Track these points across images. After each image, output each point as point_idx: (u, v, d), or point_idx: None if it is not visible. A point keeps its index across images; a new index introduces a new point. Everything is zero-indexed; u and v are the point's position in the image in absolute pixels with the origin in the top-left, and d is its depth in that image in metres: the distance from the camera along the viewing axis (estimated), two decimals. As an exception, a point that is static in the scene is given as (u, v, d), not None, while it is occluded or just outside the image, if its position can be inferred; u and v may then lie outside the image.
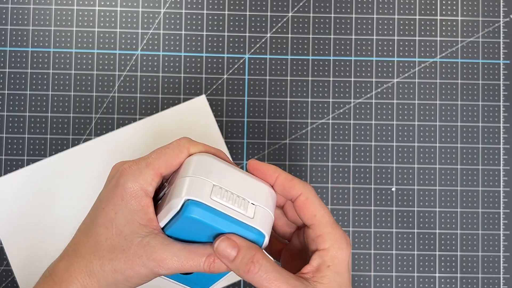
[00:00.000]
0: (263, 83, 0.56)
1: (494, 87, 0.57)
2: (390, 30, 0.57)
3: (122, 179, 0.31)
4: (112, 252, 0.31)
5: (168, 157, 0.32)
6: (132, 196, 0.31)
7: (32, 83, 0.55)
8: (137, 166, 0.32)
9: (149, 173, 0.31)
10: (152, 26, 0.56)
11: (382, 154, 0.56)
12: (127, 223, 0.31)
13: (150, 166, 0.31)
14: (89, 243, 0.32)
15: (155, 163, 0.31)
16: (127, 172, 0.31)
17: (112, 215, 0.31)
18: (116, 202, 0.31)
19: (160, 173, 0.32)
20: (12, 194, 0.53)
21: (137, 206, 0.31)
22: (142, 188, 0.31)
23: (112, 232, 0.31)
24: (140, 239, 0.31)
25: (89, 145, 0.54)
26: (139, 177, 0.31)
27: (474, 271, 0.55)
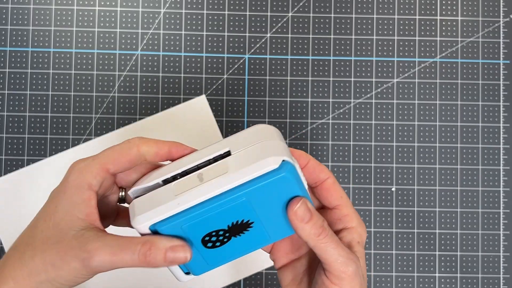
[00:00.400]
0: (263, 83, 0.56)
1: (494, 87, 0.57)
2: (390, 30, 0.57)
3: (68, 173, 0.31)
4: (45, 243, 0.30)
5: (116, 153, 0.31)
6: (75, 188, 0.30)
7: (32, 83, 0.55)
8: (84, 161, 0.31)
9: (95, 166, 0.31)
10: (152, 26, 0.56)
11: (382, 154, 0.56)
12: (65, 216, 0.30)
13: (96, 160, 0.31)
14: (25, 235, 0.31)
15: (102, 158, 0.31)
16: (74, 166, 0.31)
17: (52, 208, 0.31)
18: (59, 196, 0.31)
19: (106, 168, 0.31)
20: (12, 194, 0.53)
21: (78, 199, 0.30)
22: (85, 181, 0.30)
23: (49, 224, 0.30)
24: (75, 232, 0.30)
25: (89, 145, 0.54)
26: (84, 170, 0.31)
27: (474, 271, 0.55)
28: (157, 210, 0.29)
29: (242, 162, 0.29)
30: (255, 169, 0.29)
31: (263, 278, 0.54)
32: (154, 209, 0.29)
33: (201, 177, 0.30)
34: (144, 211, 0.30)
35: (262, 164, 0.29)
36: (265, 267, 0.54)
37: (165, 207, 0.29)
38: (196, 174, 0.30)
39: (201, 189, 0.29)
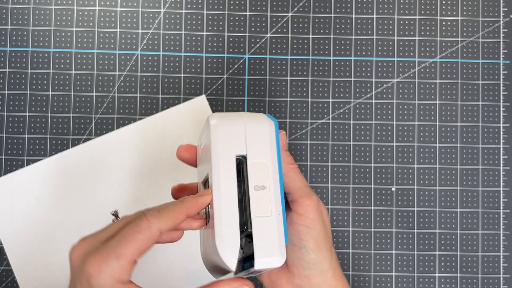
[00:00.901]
0: (263, 83, 0.56)
1: (494, 87, 0.57)
2: (390, 30, 0.57)
3: (93, 278, 0.29)
4: None
5: (140, 244, 0.30)
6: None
7: (32, 83, 0.55)
8: (107, 263, 0.29)
9: (123, 264, 0.29)
10: (152, 26, 0.56)
11: (382, 154, 0.56)
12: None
13: (122, 258, 0.29)
14: None
15: (127, 254, 0.29)
16: (98, 269, 0.29)
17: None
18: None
19: (133, 261, 0.30)
20: (12, 194, 0.53)
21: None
22: (118, 281, 0.29)
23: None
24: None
25: (89, 145, 0.54)
26: (113, 271, 0.29)
27: (474, 271, 0.55)
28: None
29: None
30: None
31: (263, 278, 0.54)
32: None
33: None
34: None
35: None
36: (265, 267, 0.54)
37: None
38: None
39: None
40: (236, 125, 0.34)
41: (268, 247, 0.32)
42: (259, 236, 0.32)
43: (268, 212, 0.33)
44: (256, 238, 0.32)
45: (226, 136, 0.33)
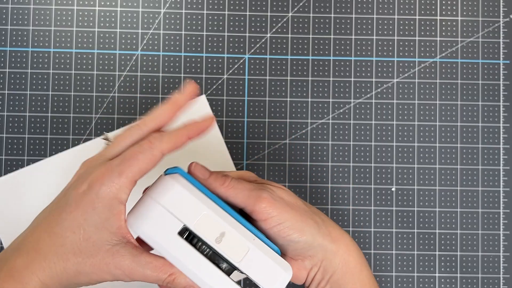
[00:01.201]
0: (263, 83, 0.56)
1: (494, 87, 0.57)
2: (390, 30, 0.57)
3: (95, 187, 0.31)
4: (78, 256, 0.31)
5: (142, 164, 0.31)
6: (105, 205, 0.31)
7: (32, 83, 0.55)
8: (109, 176, 0.31)
9: (124, 182, 0.31)
10: (152, 26, 0.56)
11: (382, 154, 0.56)
12: (96, 230, 0.31)
13: (124, 175, 0.31)
14: (53, 244, 0.31)
15: (128, 172, 0.31)
16: (100, 181, 0.31)
17: (81, 220, 0.31)
18: (86, 209, 0.31)
19: (134, 181, 0.31)
20: (12, 194, 0.53)
21: (109, 214, 0.31)
22: (116, 197, 0.31)
23: (79, 236, 0.31)
24: (110, 247, 0.31)
25: (89, 145, 0.54)
26: (113, 186, 0.30)
27: (474, 271, 0.55)
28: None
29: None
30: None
31: (263, 278, 0.54)
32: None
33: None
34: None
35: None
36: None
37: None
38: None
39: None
40: (153, 211, 0.32)
41: (270, 274, 0.32)
42: (256, 273, 0.32)
43: (245, 248, 0.32)
44: (254, 276, 0.32)
45: (155, 226, 0.32)
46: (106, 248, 0.31)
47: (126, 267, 0.31)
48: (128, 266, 0.31)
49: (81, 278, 0.31)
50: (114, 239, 0.31)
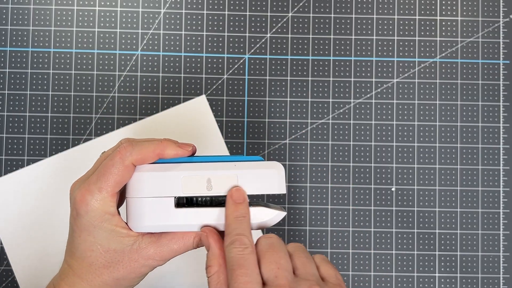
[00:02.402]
0: (263, 83, 0.56)
1: (494, 87, 0.57)
2: (390, 30, 0.57)
3: (81, 210, 0.32)
4: (109, 267, 0.33)
5: (116, 177, 0.32)
6: (101, 221, 0.32)
7: (32, 83, 0.55)
8: (91, 195, 0.32)
9: (105, 197, 0.32)
10: (152, 26, 0.56)
11: (382, 154, 0.56)
12: (109, 241, 0.33)
13: (103, 191, 0.32)
14: (83, 267, 0.33)
15: (106, 187, 0.32)
16: (83, 203, 0.32)
17: (91, 239, 0.33)
18: (89, 229, 0.33)
19: (114, 193, 0.33)
20: (13, 194, 0.53)
21: (110, 227, 0.33)
22: (105, 211, 0.32)
23: (99, 252, 0.33)
24: (130, 247, 0.33)
25: (89, 145, 0.55)
26: (97, 205, 0.32)
27: (474, 271, 0.55)
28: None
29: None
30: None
31: (263, 278, 0.54)
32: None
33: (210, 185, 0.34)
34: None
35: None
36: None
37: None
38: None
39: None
40: (142, 207, 0.33)
41: (267, 179, 0.34)
42: (255, 187, 0.34)
43: (234, 177, 0.34)
44: (255, 190, 0.34)
45: (153, 217, 0.34)
46: (128, 249, 0.33)
47: (154, 254, 0.33)
48: (154, 252, 0.33)
49: (122, 283, 0.34)
50: (129, 240, 0.33)
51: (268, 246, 0.30)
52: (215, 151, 0.55)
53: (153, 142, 0.33)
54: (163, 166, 0.33)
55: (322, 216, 0.55)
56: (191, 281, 0.53)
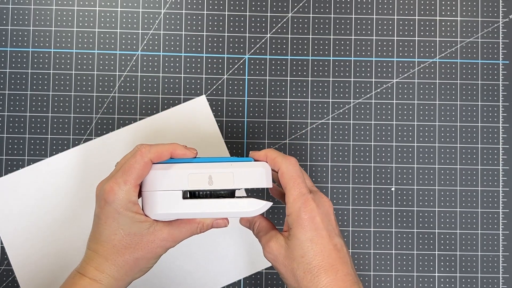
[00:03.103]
0: (263, 83, 0.56)
1: (493, 87, 0.57)
2: (390, 30, 0.57)
3: (109, 199, 0.39)
4: (129, 247, 0.40)
5: (138, 171, 0.39)
6: (125, 208, 0.39)
7: (33, 83, 0.55)
8: (118, 186, 0.39)
9: (129, 188, 0.39)
10: (152, 27, 0.56)
11: (382, 154, 0.56)
12: (130, 226, 0.39)
13: (128, 183, 0.39)
14: (107, 249, 0.40)
15: (131, 179, 0.39)
16: (111, 193, 0.39)
17: (115, 225, 0.39)
18: (114, 216, 0.39)
19: (137, 185, 0.39)
20: (13, 194, 0.53)
21: (131, 214, 0.39)
22: (129, 200, 0.39)
23: (121, 235, 0.39)
24: (146, 230, 0.40)
25: (89, 145, 0.55)
26: (123, 195, 0.39)
27: (474, 271, 0.55)
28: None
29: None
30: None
31: (263, 278, 0.54)
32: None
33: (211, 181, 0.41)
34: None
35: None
36: (265, 267, 0.54)
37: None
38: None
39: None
40: (154, 198, 0.41)
41: (257, 176, 0.41)
42: (248, 182, 0.41)
43: (230, 174, 0.41)
44: (248, 185, 0.41)
45: (164, 206, 0.41)
46: (145, 232, 0.40)
47: (167, 235, 0.40)
48: (167, 234, 0.40)
49: (141, 263, 0.40)
50: (146, 225, 0.40)
51: (299, 169, 0.41)
52: (215, 151, 0.55)
53: (166, 144, 0.41)
54: (172, 165, 0.40)
55: (322, 216, 0.55)
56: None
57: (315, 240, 0.39)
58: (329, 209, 0.41)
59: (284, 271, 0.40)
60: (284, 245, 0.40)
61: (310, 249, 0.38)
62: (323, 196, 0.41)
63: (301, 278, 0.39)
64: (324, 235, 0.39)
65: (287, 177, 0.40)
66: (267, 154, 0.42)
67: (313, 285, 0.38)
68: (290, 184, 0.40)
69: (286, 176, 0.40)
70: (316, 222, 0.39)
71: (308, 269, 0.38)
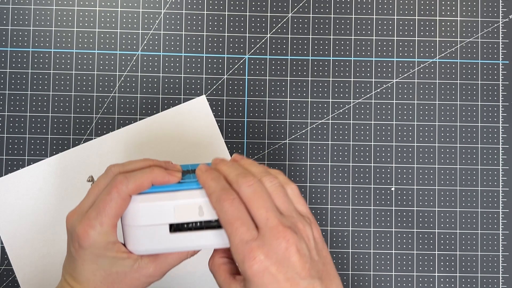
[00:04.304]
0: (263, 83, 0.56)
1: (493, 87, 0.57)
2: (390, 30, 0.57)
3: (85, 244, 0.34)
4: (112, 286, 0.36)
5: (115, 210, 0.34)
6: (104, 250, 0.35)
7: (33, 83, 0.55)
8: (93, 229, 0.34)
9: (106, 229, 0.34)
10: (152, 27, 0.56)
11: (382, 154, 0.56)
12: (112, 265, 0.35)
13: (105, 225, 0.34)
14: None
15: (107, 220, 0.34)
16: (86, 238, 0.34)
17: (94, 267, 0.35)
18: (92, 259, 0.35)
19: (115, 224, 0.35)
20: (13, 194, 0.53)
21: (112, 254, 0.35)
22: (108, 242, 0.35)
23: (102, 276, 0.35)
24: (130, 268, 0.36)
25: (89, 145, 0.55)
26: (100, 238, 0.34)
27: (474, 271, 0.55)
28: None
29: None
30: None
31: (263, 277, 0.54)
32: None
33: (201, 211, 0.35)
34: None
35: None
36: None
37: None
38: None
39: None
40: (138, 234, 0.36)
41: None
42: None
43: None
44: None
45: (148, 242, 0.36)
46: (129, 270, 0.36)
47: (154, 271, 0.36)
48: (154, 269, 0.36)
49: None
50: (130, 262, 0.36)
51: (252, 194, 0.33)
52: (215, 151, 0.55)
53: (145, 172, 0.35)
54: (156, 196, 0.35)
55: (322, 216, 0.55)
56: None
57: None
58: (286, 248, 0.31)
59: None
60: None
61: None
62: (280, 230, 0.32)
63: None
64: (285, 286, 0.31)
65: (222, 220, 0.33)
66: (217, 167, 0.36)
67: None
68: (228, 229, 0.33)
69: (221, 218, 0.33)
70: (271, 274, 0.31)
71: None
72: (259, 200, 0.33)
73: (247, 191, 0.33)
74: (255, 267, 0.31)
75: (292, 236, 0.32)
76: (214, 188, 0.34)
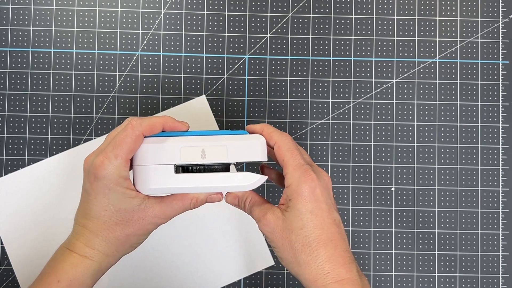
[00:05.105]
0: (263, 83, 0.56)
1: (493, 87, 0.57)
2: (390, 30, 0.57)
3: (100, 174, 0.37)
4: (120, 224, 0.39)
5: (129, 145, 0.37)
6: (115, 184, 0.37)
7: (33, 83, 0.55)
8: (108, 161, 0.37)
9: (120, 163, 0.37)
10: (152, 27, 0.56)
11: (382, 154, 0.56)
12: (121, 201, 0.38)
13: (119, 158, 0.37)
14: (97, 225, 0.39)
15: (122, 154, 0.37)
16: (102, 168, 0.37)
17: (105, 201, 0.38)
18: (104, 192, 0.38)
19: (128, 159, 0.38)
20: (13, 194, 0.53)
21: (122, 189, 0.38)
22: (120, 176, 0.37)
23: (112, 211, 0.38)
24: (138, 206, 0.39)
25: (89, 145, 0.55)
26: (113, 170, 0.37)
27: (474, 271, 0.55)
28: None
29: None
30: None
31: (263, 278, 0.54)
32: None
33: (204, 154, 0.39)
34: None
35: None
36: (265, 267, 0.54)
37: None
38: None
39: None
40: (146, 172, 0.39)
41: (251, 148, 0.39)
42: (242, 156, 0.39)
43: (223, 148, 0.39)
44: (242, 159, 0.39)
45: (155, 181, 0.39)
46: (136, 209, 0.38)
47: (159, 212, 0.39)
48: (159, 211, 0.39)
49: (131, 239, 0.39)
50: (137, 201, 0.38)
51: (294, 145, 0.40)
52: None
53: (158, 116, 0.39)
54: (164, 139, 0.39)
55: (322, 216, 0.55)
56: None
57: (315, 212, 0.37)
58: (328, 183, 0.40)
59: (281, 244, 0.38)
60: (281, 217, 0.38)
61: (310, 221, 0.37)
62: (322, 171, 0.40)
63: (300, 251, 0.37)
64: (324, 208, 0.38)
65: (284, 149, 0.39)
66: (263, 128, 0.40)
67: (312, 258, 0.37)
68: (288, 155, 0.39)
69: (283, 148, 0.39)
70: (316, 194, 0.38)
71: (306, 242, 0.37)
72: (301, 149, 0.41)
73: (293, 141, 0.40)
74: (309, 183, 0.38)
75: (329, 176, 0.40)
76: (274, 129, 0.40)
